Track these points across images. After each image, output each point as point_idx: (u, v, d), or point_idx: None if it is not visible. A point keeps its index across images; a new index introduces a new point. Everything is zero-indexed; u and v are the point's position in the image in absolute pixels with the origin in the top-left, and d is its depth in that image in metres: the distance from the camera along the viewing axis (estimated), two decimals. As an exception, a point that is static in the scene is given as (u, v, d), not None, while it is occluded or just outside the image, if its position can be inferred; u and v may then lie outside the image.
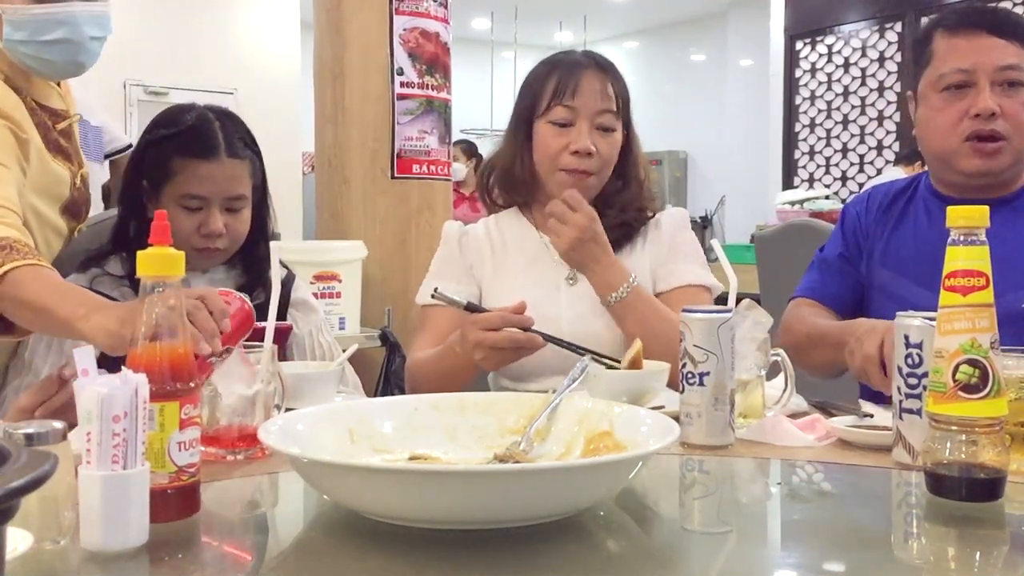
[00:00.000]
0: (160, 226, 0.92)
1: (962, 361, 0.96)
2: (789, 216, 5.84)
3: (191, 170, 1.60)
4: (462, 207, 5.84)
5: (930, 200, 1.72)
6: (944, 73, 1.62)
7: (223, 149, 1.62)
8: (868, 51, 7.49)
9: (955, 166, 1.63)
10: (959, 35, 1.62)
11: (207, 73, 6.68)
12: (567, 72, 1.68)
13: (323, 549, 0.90)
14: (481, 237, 1.79)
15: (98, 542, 0.80)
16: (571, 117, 1.66)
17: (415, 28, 3.39)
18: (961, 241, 0.98)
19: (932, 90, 1.64)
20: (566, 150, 1.66)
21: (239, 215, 1.65)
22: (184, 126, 1.63)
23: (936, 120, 1.64)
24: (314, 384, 1.41)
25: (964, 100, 1.60)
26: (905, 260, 1.68)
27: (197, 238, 1.61)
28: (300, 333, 1.77)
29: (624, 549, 0.91)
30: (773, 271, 3.21)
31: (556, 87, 1.67)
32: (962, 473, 0.96)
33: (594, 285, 1.63)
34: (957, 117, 1.60)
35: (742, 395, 1.30)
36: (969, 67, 1.59)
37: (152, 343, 0.89)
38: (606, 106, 1.67)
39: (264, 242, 1.73)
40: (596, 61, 1.71)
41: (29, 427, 0.83)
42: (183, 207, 1.60)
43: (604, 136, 1.68)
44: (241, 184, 1.64)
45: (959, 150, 1.61)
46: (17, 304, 1.36)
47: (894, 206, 1.76)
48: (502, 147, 1.78)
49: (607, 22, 10.37)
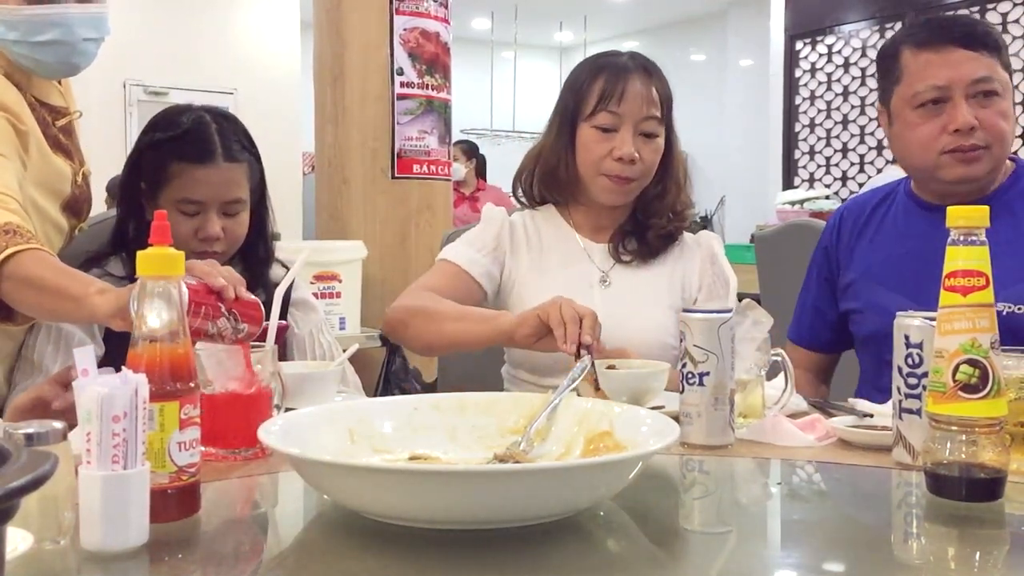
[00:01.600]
0: (160, 226, 0.92)
1: (962, 361, 0.96)
2: (789, 216, 5.84)
3: (188, 175, 1.59)
4: (462, 207, 5.84)
5: (910, 207, 1.72)
6: (919, 91, 1.60)
7: (220, 153, 1.61)
8: (868, 51, 7.48)
9: (938, 176, 1.62)
10: (929, 50, 1.60)
11: (207, 73, 6.69)
12: (613, 76, 1.67)
13: (323, 549, 0.90)
14: (519, 230, 1.80)
15: (98, 542, 0.80)
16: (616, 123, 1.66)
17: (415, 28, 3.39)
18: (961, 241, 0.99)
19: (907, 107, 1.63)
20: (609, 156, 1.66)
21: (237, 219, 1.65)
22: (181, 129, 1.62)
23: (914, 136, 1.63)
24: (314, 384, 1.41)
25: (941, 116, 1.59)
26: (882, 268, 1.69)
27: (195, 242, 1.60)
28: (300, 333, 1.76)
29: (624, 549, 0.91)
30: (773, 271, 3.20)
31: (602, 92, 1.67)
32: (962, 473, 0.96)
33: None
34: (936, 132, 1.59)
35: (742, 395, 1.30)
36: (944, 83, 1.58)
37: (152, 343, 0.89)
38: (650, 112, 1.68)
39: (263, 243, 1.73)
40: (642, 65, 1.71)
41: (29, 427, 0.83)
42: (180, 211, 1.60)
43: (647, 142, 1.68)
44: (238, 188, 1.64)
45: (939, 162, 1.60)
46: (22, 285, 1.35)
47: (872, 219, 1.76)
48: (544, 145, 1.77)
49: (607, 22, 10.37)
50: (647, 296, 1.72)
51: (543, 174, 1.78)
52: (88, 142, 1.86)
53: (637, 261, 1.74)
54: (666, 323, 1.69)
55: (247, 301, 1.21)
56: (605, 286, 1.72)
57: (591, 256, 1.74)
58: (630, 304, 1.69)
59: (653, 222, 1.73)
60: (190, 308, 1.11)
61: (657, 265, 1.74)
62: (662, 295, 1.72)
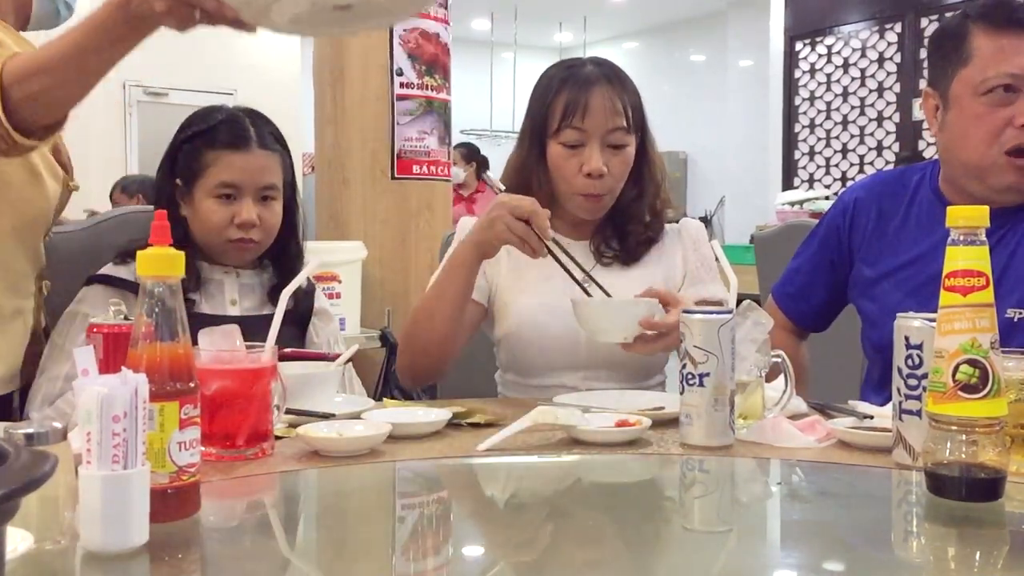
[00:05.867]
0: (160, 226, 0.92)
1: (962, 361, 0.96)
2: (789, 217, 5.85)
3: (224, 161, 1.64)
4: (459, 207, 5.85)
5: (936, 206, 1.61)
6: (989, 77, 1.48)
7: (254, 140, 1.66)
8: (868, 52, 7.49)
9: (987, 179, 1.52)
10: (1006, 34, 1.48)
11: (207, 73, 6.69)
12: (577, 91, 1.65)
13: (323, 549, 0.90)
14: None
15: (98, 542, 0.80)
16: (581, 138, 1.65)
17: (415, 29, 3.39)
18: (961, 241, 0.98)
19: (971, 93, 1.50)
20: (580, 172, 1.65)
21: (271, 207, 1.68)
22: (215, 122, 1.67)
23: (974, 128, 1.50)
24: (314, 385, 1.41)
25: (1008, 108, 1.47)
26: (906, 272, 1.62)
27: (231, 229, 1.64)
28: (319, 342, 1.79)
29: (624, 548, 0.91)
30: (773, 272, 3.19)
31: (566, 108, 1.65)
32: (962, 473, 0.96)
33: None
34: (1000, 125, 1.48)
35: (742, 396, 1.30)
36: (1020, 71, 1.46)
37: (152, 343, 0.89)
38: (616, 124, 1.65)
39: (295, 241, 1.76)
40: (605, 75, 1.68)
41: (29, 427, 0.83)
42: (217, 197, 1.63)
43: (615, 154, 1.67)
44: (272, 174, 1.68)
45: (996, 163, 1.49)
46: (27, 80, 1.28)
47: (893, 212, 1.68)
48: (516, 161, 1.75)
49: (607, 22, 10.38)
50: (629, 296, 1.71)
51: (517, 187, 1.73)
52: (88, 142, 1.87)
53: (618, 265, 1.74)
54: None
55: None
56: (587, 285, 1.71)
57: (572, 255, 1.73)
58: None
59: (631, 228, 1.73)
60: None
61: (638, 268, 1.73)
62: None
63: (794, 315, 1.82)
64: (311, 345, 1.78)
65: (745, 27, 9.09)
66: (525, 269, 1.73)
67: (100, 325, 1.18)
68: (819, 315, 1.81)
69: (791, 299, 1.82)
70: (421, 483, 1.17)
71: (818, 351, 1.88)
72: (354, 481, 1.12)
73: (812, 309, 1.80)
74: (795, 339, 1.81)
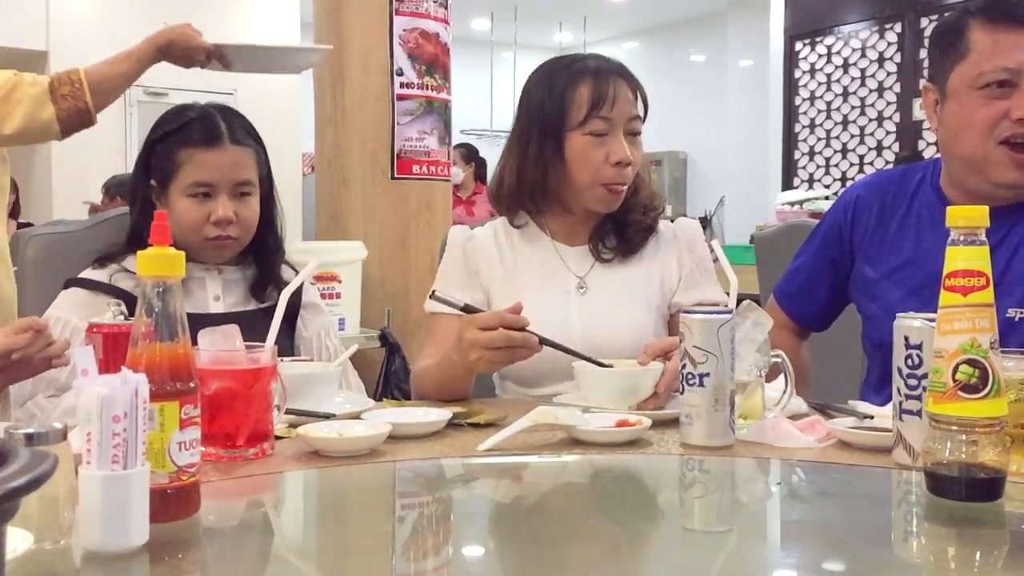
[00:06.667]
0: (160, 226, 0.92)
1: (962, 361, 0.96)
2: (789, 217, 5.84)
3: (197, 159, 1.63)
4: (458, 209, 5.85)
5: (936, 207, 1.61)
6: (985, 71, 1.48)
7: (226, 136, 1.65)
8: (868, 52, 7.49)
9: (986, 174, 1.52)
10: (1003, 29, 1.48)
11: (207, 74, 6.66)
12: (600, 82, 1.65)
13: (323, 549, 0.90)
14: (489, 242, 1.76)
15: (98, 542, 0.80)
16: (607, 128, 1.65)
17: (415, 29, 3.39)
18: (961, 241, 0.98)
19: (968, 87, 1.51)
20: (606, 162, 1.65)
21: (247, 202, 1.67)
22: (186, 120, 1.67)
23: (970, 120, 1.51)
24: (314, 384, 1.41)
25: (1004, 101, 1.48)
26: (906, 272, 1.61)
27: (208, 227, 1.63)
28: (308, 335, 1.78)
29: (624, 549, 0.91)
30: (773, 272, 3.19)
31: (592, 98, 1.64)
32: (962, 473, 0.96)
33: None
34: (995, 118, 1.48)
35: (742, 396, 1.30)
36: (1016, 66, 1.47)
37: (152, 343, 0.89)
38: (636, 112, 1.68)
39: (273, 235, 1.76)
40: (616, 66, 1.70)
41: (29, 427, 0.83)
42: (191, 196, 1.63)
43: (634, 141, 1.68)
44: (246, 170, 1.67)
45: (992, 155, 1.49)
46: (103, 93, 2.02)
47: (894, 210, 1.67)
48: (524, 159, 1.70)
49: (607, 22, 10.38)
50: (625, 297, 1.70)
51: (525, 186, 1.72)
52: (88, 143, 1.89)
53: (618, 259, 1.73)
54: (645, 322, 1.68)
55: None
56: (581, 293, 1.70)
57: (567, 262, 1.72)
58: (607, 306, 1.67)
59: (631, 218, 1.73)
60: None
61: (636, 263, 1.72)
62: (639, 294, 1.70)
63: (796, 315, 1.81)
64: (300, 338, 1.77)
65: (745, 27, 9.08)
66: (521, 279, 1.73)
67: (100, 325, 1.18)
68: (821, 314, 1.81)
69: (792, 298, 1.82)
70: (421, 483, 1.17)
71: (818, 351, 1.88)
72: (354, 481, 1.12)
73: (814, 308, 1.80)
74: (796, 339, 1.81)
